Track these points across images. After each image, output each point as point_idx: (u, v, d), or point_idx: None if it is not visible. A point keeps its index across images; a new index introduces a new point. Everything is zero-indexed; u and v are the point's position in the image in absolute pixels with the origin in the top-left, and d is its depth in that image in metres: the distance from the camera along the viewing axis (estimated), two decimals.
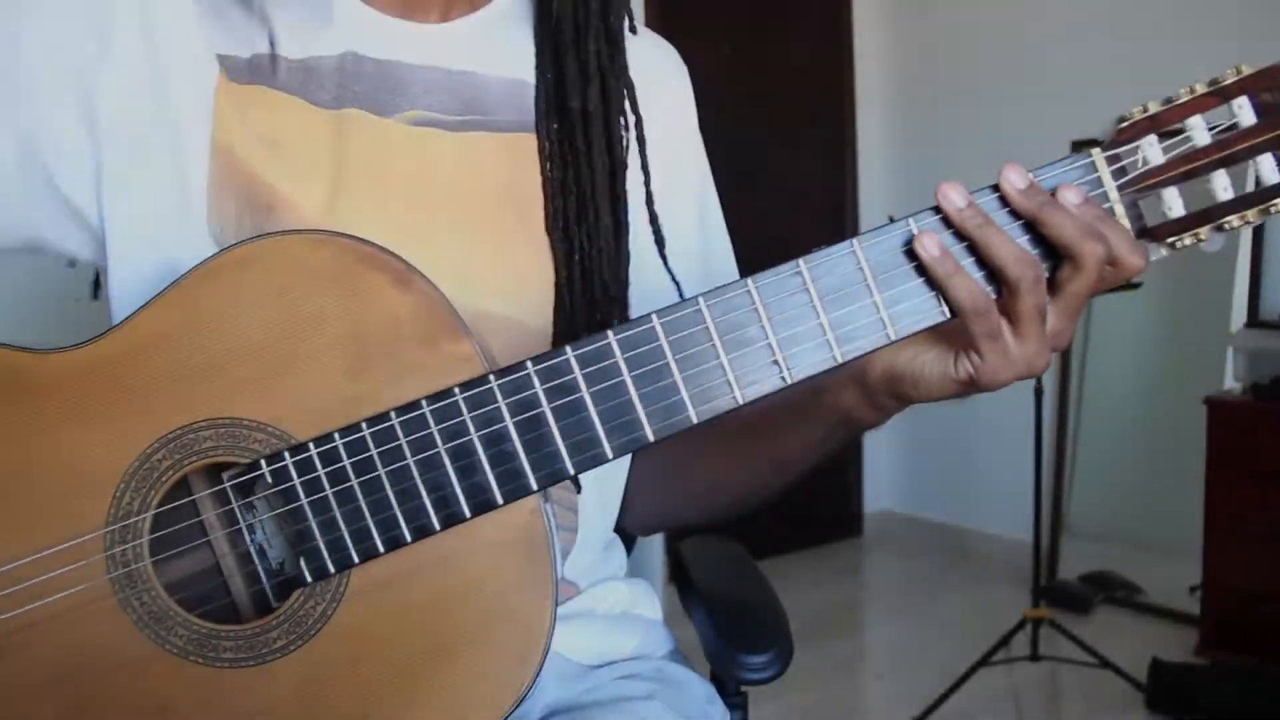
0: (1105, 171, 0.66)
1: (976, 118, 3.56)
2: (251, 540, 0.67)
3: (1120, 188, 0.66)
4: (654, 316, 0.64)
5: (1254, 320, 2.86)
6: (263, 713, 0.64)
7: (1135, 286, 2.70)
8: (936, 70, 3.74)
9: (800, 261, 0.64)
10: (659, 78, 0.90)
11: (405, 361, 0.64)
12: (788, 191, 3.71)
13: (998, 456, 3.52)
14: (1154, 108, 0.67)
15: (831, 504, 3.91)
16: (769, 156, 3.66)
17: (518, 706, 0.65)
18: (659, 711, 0.83)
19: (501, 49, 0.84)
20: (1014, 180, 0.64)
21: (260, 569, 0.68)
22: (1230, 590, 2.65)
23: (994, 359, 0.65)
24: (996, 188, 0.65)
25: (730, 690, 0.96)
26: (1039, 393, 2.71)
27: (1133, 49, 3.11)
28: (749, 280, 0.65)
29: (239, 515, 0.67)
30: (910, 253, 0.64)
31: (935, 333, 0.67)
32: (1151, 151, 0.66)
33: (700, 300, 0.64)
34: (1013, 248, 0.63)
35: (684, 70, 0.94)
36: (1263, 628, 2.57)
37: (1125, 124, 0.67)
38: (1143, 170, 0.66)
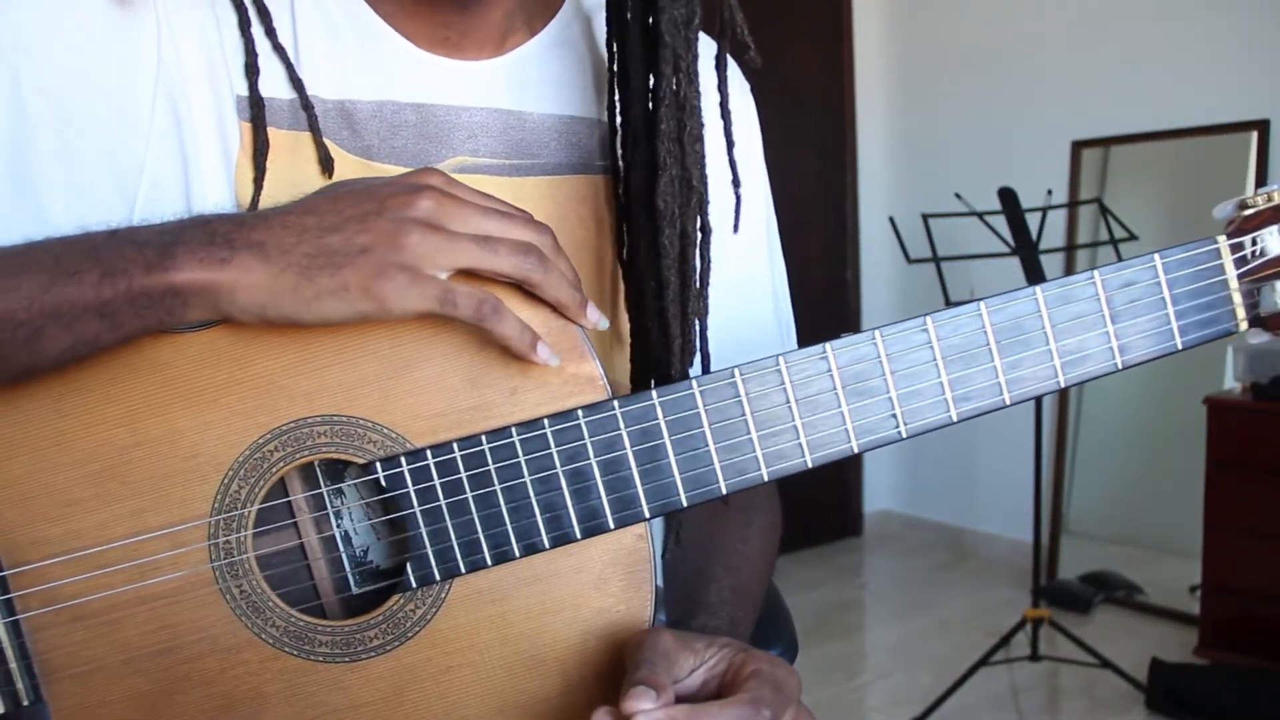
0: (1228, 259, 0.68)
1: (976, 118, 3.56)
2: (346, 552, 0.67)
3: (1240, 276, 0.68)
4: (780, 359, 0.65)
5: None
6: (350, 709, 0.64)
7: None
8: (936, 71, 3.74)
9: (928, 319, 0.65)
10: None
11: (528, 376, 0.64)
12: (788, 192, 3.70)
13: (997, 456, 3.53)
14: (1278, 197, 0.67)
15: (831, 504, 3.92)
16: (769, 157, 3.65)
17: None
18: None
19: (554, 83, 0.78)
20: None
21: (352, 582, 0.68)
22: (1230, 590, 2.66)
23: None
24: None
25: None
26: None
27: (1133, 49, 3.12)
28: (875, 331, 0.65)
29: (334, 526, 0.67)
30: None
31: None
32: (1272, 241, 0.67)
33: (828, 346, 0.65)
34: None
35: (748, 92, 0.88)
36: (1262, 628, 2.58)
37: (1250, 211, 0.68)
38: (1261, 260, 0.68)
